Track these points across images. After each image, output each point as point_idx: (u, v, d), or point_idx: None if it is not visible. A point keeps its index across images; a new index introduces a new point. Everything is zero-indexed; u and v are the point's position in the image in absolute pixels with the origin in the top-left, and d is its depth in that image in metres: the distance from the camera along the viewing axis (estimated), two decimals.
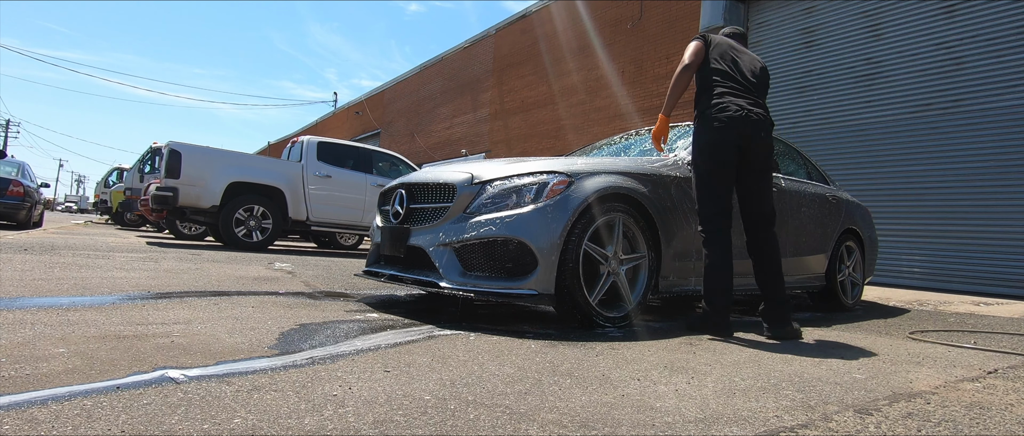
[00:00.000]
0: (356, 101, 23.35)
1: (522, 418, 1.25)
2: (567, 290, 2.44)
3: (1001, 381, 1.93)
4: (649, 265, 2.75)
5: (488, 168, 2.70)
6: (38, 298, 2.42)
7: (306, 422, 1.14)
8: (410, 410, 1.25)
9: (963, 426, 1.38)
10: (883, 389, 1.71)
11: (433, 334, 2.18)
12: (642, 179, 2.79)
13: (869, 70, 7.28)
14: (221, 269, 4.12)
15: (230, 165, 6.87)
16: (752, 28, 8.67)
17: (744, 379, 1.74)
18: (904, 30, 7.00)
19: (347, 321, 2.36)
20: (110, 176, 16.53)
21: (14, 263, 3.62)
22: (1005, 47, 6.19)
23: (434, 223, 2.65)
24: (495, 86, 14.51)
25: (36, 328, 1.85)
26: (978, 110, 6.32)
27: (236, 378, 1.41)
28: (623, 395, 1.49)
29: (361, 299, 3.10)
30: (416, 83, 18.48)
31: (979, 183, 6.26)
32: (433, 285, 2.51)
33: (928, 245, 6.61)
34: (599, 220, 2.55)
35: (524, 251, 2.41)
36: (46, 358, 1.50)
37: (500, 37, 14.56)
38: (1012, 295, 5.86)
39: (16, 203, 8.86)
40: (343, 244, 10.08)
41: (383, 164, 8.38)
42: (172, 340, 1.80)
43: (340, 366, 1.60)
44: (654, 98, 9.99)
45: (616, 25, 11.06)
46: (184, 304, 2.52)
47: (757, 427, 1.28)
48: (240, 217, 6.78)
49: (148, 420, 1.09)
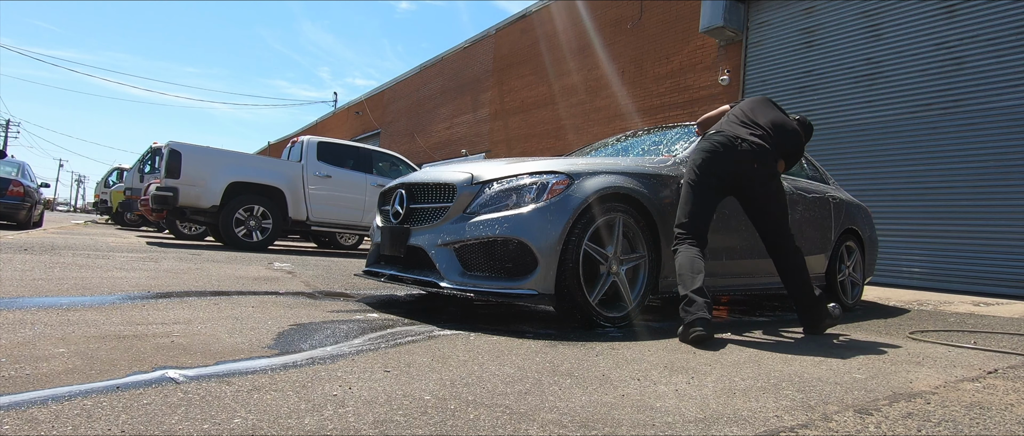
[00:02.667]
0: (356, 101, 23.36)
1: (522, 418, 1.25)
2: (567, 290, 2.44)
3: (1001, 381, 1.93)
4: (649, 265, 2.75)
5: (488, 168, 2.70)
6: (38, 298, 2.42)
7: (306, 422, 1.14)
8: (410, 410, 1.25)
9: (963, 426, 1.38)
10: (883, 389, 1.71)
11: (433, 334, 2.18)
12: (642, 179, 2.79)
13: (869, 70, 7.28)
14: (221, 269, 4.12)
15: (230, 165, 6.87)
16: (752, 28, 8.68)
17: (744, 379, 1.74)
18: (904, 30, 7.00)
19: (347, 321, 2.36)
20: (110, 176, 16.53)
21: (14, 263, 3.62)
22: (1005, 47, 6.19)
23: (434, 223, 2.65)
24: (495, 86, 14.51)
25: (36, 328, 1.85)
26: (978, 110, 6.32)
27: (236, 378, 1.41)
28: (623, 395, 1.49)
29: (361, 299, 3.10)
30: (416, 83, 18.48)
31: (979, 183, 6.26)
32: (433, 285, 2.51)
33: (928, 245, 6.61)
34: (599, 220, 2.55)
35: (524, 251, 2.41)
36: (46, 358, 1.50)
37: (500, 37, 14.56)
38: (1012, 295, 5.86)
39: (16, 203, 8.86)
40: (343, 244, 10.08)
41: (383, 164, 8.38)
42: (172, 340, 1.80)
43: (340, 366, 1.60)
44: (654, 98, 10.00)
45: (616, 25, 11.07)
46: (184, 304, 2.52)
47: (757, 427, 1.28)
48: (240, 217, 6.78)
49: (148, 420, 1.09)
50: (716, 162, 2.61)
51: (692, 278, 2.42)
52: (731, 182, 2.65)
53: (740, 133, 2.65)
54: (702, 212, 2.60)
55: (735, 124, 2.72)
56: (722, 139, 2.65)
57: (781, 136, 2.69)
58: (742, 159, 2.60)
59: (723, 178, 2.63)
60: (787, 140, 2.72)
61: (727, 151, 2.61)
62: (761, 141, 2.62)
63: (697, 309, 2.33)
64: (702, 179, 2.62)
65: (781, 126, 2.72)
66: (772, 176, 2.67)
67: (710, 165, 2.62)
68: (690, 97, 9.37)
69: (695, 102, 9.24)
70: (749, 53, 8.68)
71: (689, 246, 2.53)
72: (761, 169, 2.62)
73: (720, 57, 8.97)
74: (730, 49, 8.85)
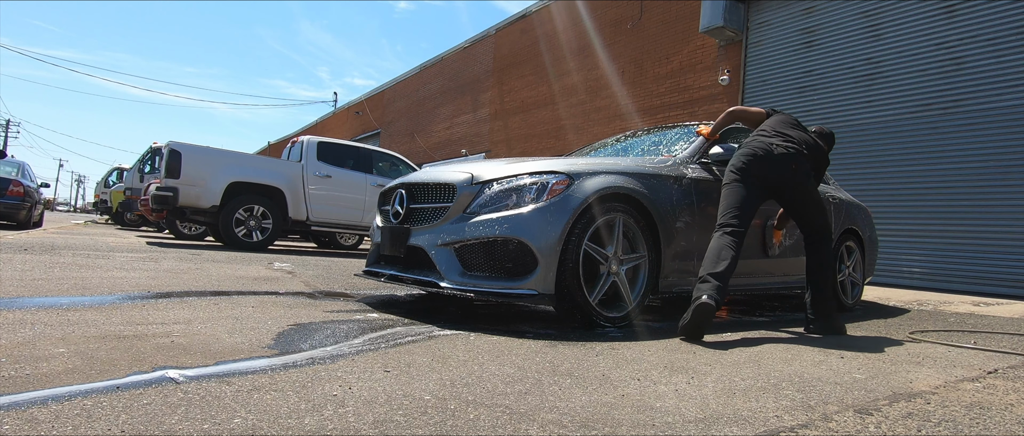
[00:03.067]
0: (356, 101, 23.36)
1: (522, 418, 1.25)
2: (567, 290, 2.44)
3: (1001, 381, 1.93)
4: (649, 265, 2.75)
5: (488, 168, 2.69)
6: (38, 298, 2.42)
7: (306, 422, 1.14)
8: (410, 410, 1.25)
9: (963, 426, 1.38)
10: (883, 389, 1.71)
11: (433, 334, 2.18)
12: (642, 179, 2.79)
13: (869, 70, 7.28)
14: (221, 269, 4.12)
15: (230, 165, 6.87)
16: (752, 28, 8.68)
17: (744, 379, 1.74)
18: (904, 30, 7.00)
19: (347, 321, 2.36)
20: (110, 176, 16.53)
21: (14, 263, 3.62)
22: (1005, 47, 6.19)
23: (434, 223, 2.65)
24: (495, 86, 14.51)
25: (36, 328, 1.85)
26: (978, 110, 6.32)
27: (236, 378, 1.41)
28: (623, 395, 1.49)
29: (361, 299, 3.10)
30: (416, 83, 18.48)
31: (979, 183, 6.26)
32: (433, 285, 2.51)
33: (928, 245, 6.61)
34: (599, 220, 2.55)
35: (524, 251, 2.41)
36: (46, 358, 1.50)
37: (500, 37, 14.56)
38: (1012, 295, 5.86)
39: (16, 203, 8.86)
40: (343, 244, 10.08)
41: (383, 164, 8.38)
42: (172, 340, 1.80)
43: (340, 366, 1.60)
44: (654, 98, 10.00)
45: (616, 25, 11.07)
46: (184, 304, 2.52)
47: (757, 427, 1.28)
48: (240, 217, 6.78)
49: (148, 420, 1.09)
50: (757, 165, 2.75)
51: (713, 263, 2.53)
52: (769, 184, 2.78)
53: (774, 140, 2.81)
54: (744, 210, 2.69)
55: (767, 136, 2.86)
56: (760, 145, 2.80)
57: (810, 150, 2.86)
58: (779, 161, 2.74)
59: (762, 180, 2.75)
60: (815, 154, 2.90)
61: (765, 154, 2.75)
62: (796, 147, 2.79)
63: (705, 288, 2.43)
64: (744, 179, 2.74)
65: (810, 143, 2.89)
66: (808, 177, 2.83)
67: (750, 166, 2.75)
68: (690, 97, 9.37)
69: (695, 102, 9.24)
70: (749, 53, 8.68)
71: (723, 234, 2.64)
72: (798, 170, 2.77)
73: (720, 57, 8.97)
74: (730, 49, 8.85)
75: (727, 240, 2.60)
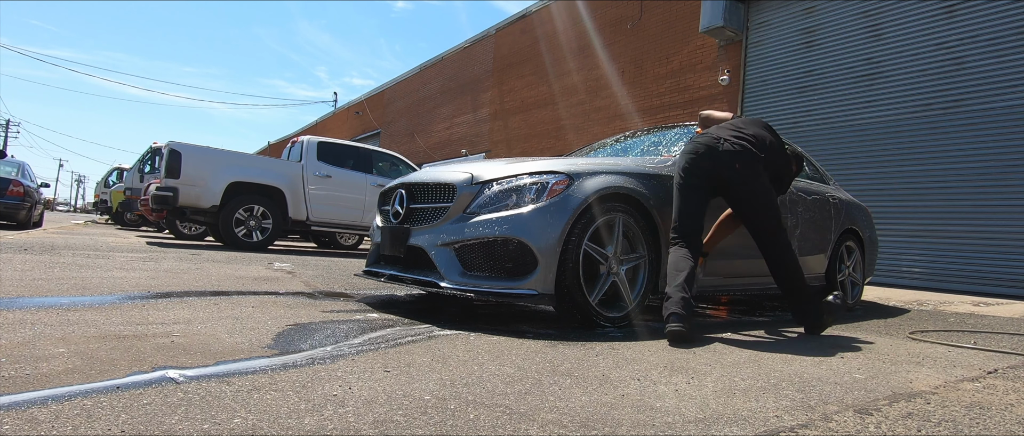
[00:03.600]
0: (356, 101, 23.36)
1: (522, 418, 1.25)
2: (567, 290, 2.44)
3: (1001, 381, 1.93)
4: (649, 265, 2.75)
5: (488, 168, 2.70)
6: (38, 298, 2.42)
7: (306, 422, 1.14)
8: (410, 410, 1.25)
9: (963, 426, 1.38)
10: (883, 389, 1.71)
11: (433, 334, 2.18)
12: (642, 179, 2.79)
13: (869, 70, 7.28)
14: (221, 269, 4.12)
15: (230, 165, 6.87)
16: (752, 28, 8.68)
17: (744, 379, 1.74)
18: (904, 30, 7.00)
19: (347, 321, 2.36)
20: (110, 176, 16.53)
21: (14, 263, 3.62)
22: (1005, 47, 6.19)
23: (434, 223, 2.65)
24: (495, 86, 14.51)
25: (36, 328, 1.85)
26: (978, 110, 6.32)
27: (236, 378, 1.41)
28: (623, 395, 1.49)
29: (361, 299, 3.10)
30: (416, 83, 18.48)
31: (979, 183, 6.26)
32: (433, 285, 2.51)
33: (928, 245, 6.61)
34: (599, 220, 2.55)
35: (524, 251, 2.41)
36: (46, 358, 1.50)
37: (500, 37, 14.56)
38: (1012, 295, 5.86)
39: (16, 203, 8.86)
40: (343, 244, 10.08)
41: (383, 164, 8.38)
42: (172, 340, 1.80)
43: (340, 366, 1.60)
44: (654, 98, 10.00)
45: (616, 25, 11.07)
46: (184, 304, 2.52)
47: (757, 427, 1.28)
48: (240, 217, 6.78)
49: (148, 420, 1.09)
50: (698, 163, 2.66)
51: (673, 276, 2.48)
52: (715, 183, 2.68)
53: (723, 134, 2.69)
54: (691, 213, 2.63)
55: (723, 129, 2.76)
56: (704, 141, 2.69)
57: (768, 153, 2.71)
58: (723, 159, 2.62)
59: (706, 179, 2.66)
60: (776, 159, 2.76)
61: (708, 151, 2.65)
62: (746, 144, 2.64)
63: (671, 305, 2.37)
64: (687, 180, 2.66)
65: (771, 146, 2.74)
66: (755, 176, 2.66)
67: (693, 166, 2.66)
68: (690, 97, 9.37)
69: (695, 102, 9.24)
70: (749, 53, 8.68)
71: (678, 247, 2.58)
72: (743, 169, 2.63)
73: (720, 57, 8.97)
74: (730, 49, 8.85)
75: (682, 252, 2.54)
